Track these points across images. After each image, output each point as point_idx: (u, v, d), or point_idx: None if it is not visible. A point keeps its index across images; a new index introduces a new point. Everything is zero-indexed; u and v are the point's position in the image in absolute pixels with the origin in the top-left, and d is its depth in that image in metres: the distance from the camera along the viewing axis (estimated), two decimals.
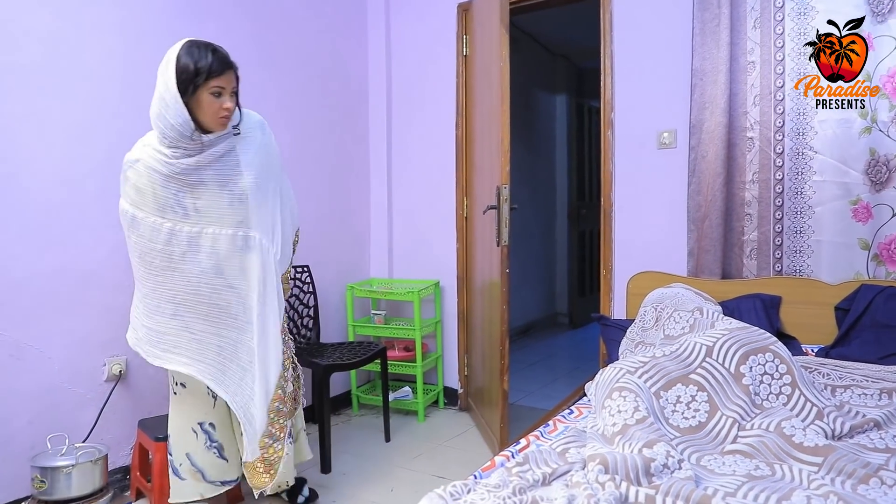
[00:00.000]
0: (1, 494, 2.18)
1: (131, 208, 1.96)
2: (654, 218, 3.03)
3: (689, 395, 1.78)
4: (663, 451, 1.49)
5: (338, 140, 3.61)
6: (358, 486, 2.59)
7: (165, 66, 1.87)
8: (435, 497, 1.29)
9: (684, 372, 1.82)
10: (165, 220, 1.93)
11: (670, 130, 2.97)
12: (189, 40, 1.92)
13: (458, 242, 3.58)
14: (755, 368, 1.82)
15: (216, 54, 1.90)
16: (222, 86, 1.90)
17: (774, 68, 2.70)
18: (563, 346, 5.36)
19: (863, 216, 2.59)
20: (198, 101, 1.88)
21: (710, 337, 1.90)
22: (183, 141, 1.89)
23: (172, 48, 1.90)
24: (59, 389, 2.35)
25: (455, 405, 3.63)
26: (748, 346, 1.87)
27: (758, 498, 1.31)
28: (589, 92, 6.17)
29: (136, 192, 1.94)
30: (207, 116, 1.91)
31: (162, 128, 1.88)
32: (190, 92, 1.86)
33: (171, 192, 1.92)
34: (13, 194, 2.21)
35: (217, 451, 2.09)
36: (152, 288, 1.99)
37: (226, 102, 1.92)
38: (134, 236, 1.98)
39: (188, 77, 1.84)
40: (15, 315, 2.22)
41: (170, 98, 1.84)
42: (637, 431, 1.58)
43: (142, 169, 1.92)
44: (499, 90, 2.76)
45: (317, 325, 3.23)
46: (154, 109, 1.89)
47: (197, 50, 1.87)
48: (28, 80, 2.24)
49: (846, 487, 1.39)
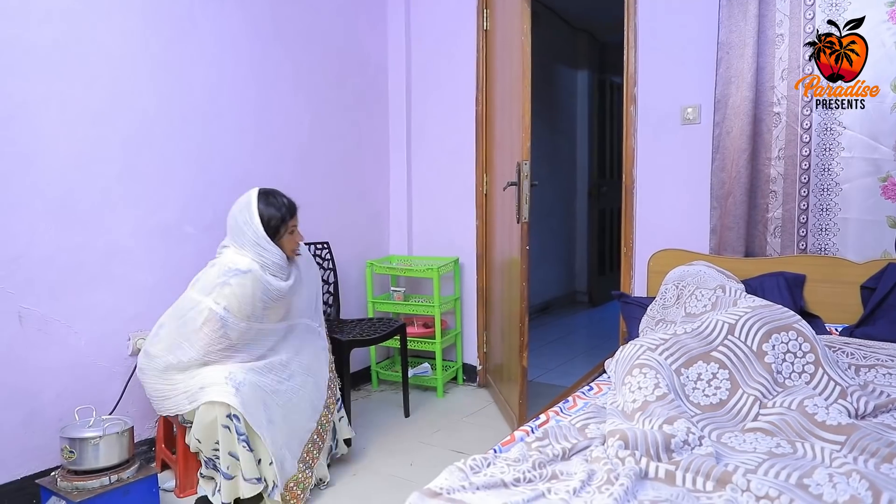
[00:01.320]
0: (33, 464, 2.25)
1: (223, 311, 2.16)
2: (676, 195, 2.99)
3: (710, 373, 1.77)
4: (684, 427, 1.48)
5: (357, 118, 3.59)
6: (377, 460, 2.63)
7: (250, 218, 2.24)
8: (455, 470, 1.30)
9: (706, 349, 1.81)
10: (243, 322, 2.20)
11: (694, 106, 2.91)
12: (260, 191, 2.30)
13: (478, 219, 3.57)
14: (778, 347, 1.80)
15: (287, 199, 2.34)
16: (296, 224, 2.36)
17: (803, 41, 2.63)
18: (582, 324, 5.36)
19: (892, 193, 2.53)
20: (279, 242, 2.29)
21: (732, 315, 1.89)
22: (283, 272, 2.29)
23: (248, 201, 2.27)
24: (85, 363, 2.39)
25: (474, 382, 3.65)
26: (771, 324, 1.84)
27: (779, 475, 1.30)
28: (611, 67, 6.07)
29: (234, 299, 2.16)
30: (286, 251, 2.33)
31: (263, 262, 2.23)
32: (277, 236, 2.28)
33: (264, 308, 2.24)
34: (35, 174, 2.23)
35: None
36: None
37: (298, 237, 2.37)
38: (218, 335, 2.17)
39: (276, 224, 2.27)
40: (41, 291, 2.26)
41: (265, 244, 2.24)
42: (657, 408, 1.58)
43: (249, 280, 2.18)
44: (520, 65, 2.72)
45: (336, 301, 3.25)
46: (251, 252, 2.23)
47: (274, 198, 2.30)
48: (49, 61, 2.25)
49: (869, 466, 1.37)
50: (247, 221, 2.24)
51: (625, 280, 3.15)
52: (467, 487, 1.23)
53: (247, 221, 2.24)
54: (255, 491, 2.08)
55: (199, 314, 2.16)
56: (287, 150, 3.18)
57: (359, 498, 2.32)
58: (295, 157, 3.23)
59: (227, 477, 2.09)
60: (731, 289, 2.18)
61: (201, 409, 2.10)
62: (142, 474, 2.14)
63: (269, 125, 3.07)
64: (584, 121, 6.04)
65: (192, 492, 2.30)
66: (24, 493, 2.21)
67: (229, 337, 2.17)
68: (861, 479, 1.26)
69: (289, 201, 2.34)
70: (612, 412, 1.65)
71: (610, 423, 1.55)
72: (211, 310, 2.15)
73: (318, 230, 3.33)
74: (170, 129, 2.63)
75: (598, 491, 1.24)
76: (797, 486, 1.28)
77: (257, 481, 2.08)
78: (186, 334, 2.17)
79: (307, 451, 2.30)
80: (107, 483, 2.05)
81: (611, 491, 1.22)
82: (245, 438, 2.07)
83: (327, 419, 2.43)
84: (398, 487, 2.36)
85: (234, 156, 2.90)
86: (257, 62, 3.00)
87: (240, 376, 2.14)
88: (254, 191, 2.30)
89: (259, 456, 2.12)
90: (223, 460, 2.08)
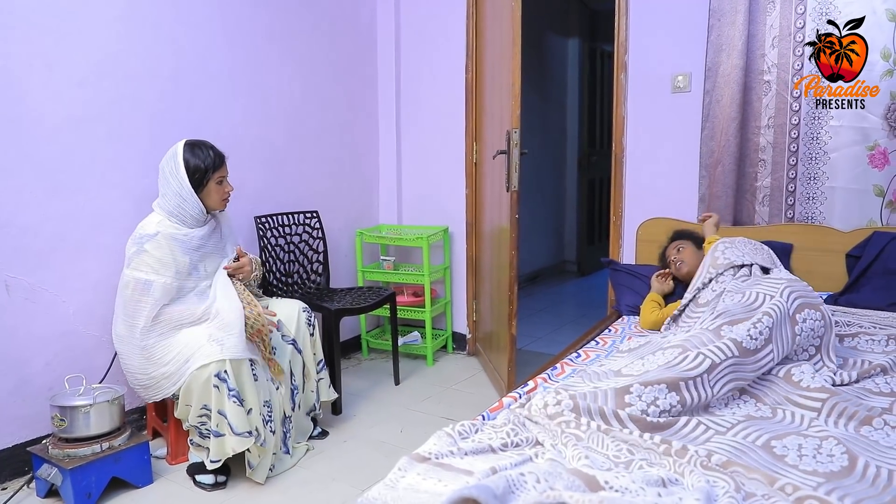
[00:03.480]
0: (24, 432, 2.26)
1: (145, 276, 2.20)
2: (666, 164, 2.99)
3: (757, 330, 1.69)
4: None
5: (346, 84, 3.55)
6: (368, 427, 2.65)
7: (175, 168, 2.23)
8: (443, 435, 1.32)
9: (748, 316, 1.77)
10: (175, 280, 2.24)
11: (685, 74, 2.90)
12: (186, 142, 2.27)
13: (468, 188, 3.56)
14: (808, 322, 1.76)
15: (214, 150, 2.30)
16: (223, 175, 2.31)
17: (795, 7, 2.61)
18: (570, 293, 5.39)
19: (879, 162, 2.54)
20: (206, 191, 2.28)
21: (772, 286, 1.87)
22: (198, 223, 2.30)
23: (174, 151, 2.25)
24: (74, 332, 2.39)
25: (463, 350, 3.68)
26: (804, 298, 1.82)
27: (748, 437, 1.34)
28: (602, 35, 6.00)
29: (156, 262, 2.20)
30: (214, 201, 2.32)
31: (180, 215, 2.25)
32: (202, 185, 2.26)
33: (190, 260, 2.27)
34: (21, 138, 2.20)
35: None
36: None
37: (227, 187, 2.35)
38: (148, 298, 2.20)
39: (200, 174, 2.24)
40: (28, 259, 2.24)
41: (186, 195, 2.23)
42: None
43: (162, 241, 2.21)
44: (510, 32, 2.69)
45: (326, 270, 3.25)
46: (171, 202, 2.24)
47: (199, 150, 2.27)
48: (32, 19, 2.20)
49: (848, 429, 1.41)
50: (172, 172, 2.24)
51: (613, 249, 3.17)
52: (455, 452, 1.25)
53: (172, 172, 2.24)
54: (246, 445, 2.09)
55: (127, 286, 2.22)
56: (277, 115, 3.15)
57: (349, 464, 2.35)
58: (285, 124, 3.19)
59: (216, 435, 2.10)
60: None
61: (189, 375, 2.12)
62: (133, 442, 2.16)
63: (259, 90, 3.03)
64: (574, 90, 5.99)
65: (184, 459, 2.32)
66: (16, 460, 2.22)
67: (170, 294, 2.22)
68: (837, 444, 1.29)
69: (216, 152, 2.31)
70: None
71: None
72: (136, 279, 2.20)
73: (308, 199, 3.32)
74: (159, 92, 2.60)
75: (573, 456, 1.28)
76: (762, 448, 1.31)
77: (248, 435, 2.10)
78: (128, 308, 2.21)
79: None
80: (98, 450, 2.06)
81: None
82: (236, 393, 2.09)
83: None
84: (388, 453, 2.40)
85: (224, 121, 2.86)
86: (248, 25, 2.95)
87: (217, 333, 2.16)
88: (181, 142, 2.28)
89: (250, 405, 2.14)
90: (213, 419, 2.10)
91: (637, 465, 1.24)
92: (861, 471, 1.20)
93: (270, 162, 3.12)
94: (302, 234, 3.19)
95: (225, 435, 2.09)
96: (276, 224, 3.06)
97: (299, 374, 2.44)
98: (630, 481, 1.07)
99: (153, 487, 2.19)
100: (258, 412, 2.16)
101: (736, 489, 1.12)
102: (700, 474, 1.17)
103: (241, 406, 2.10)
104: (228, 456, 2.11)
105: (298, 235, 3.17)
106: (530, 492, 1.01)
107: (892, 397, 1.57)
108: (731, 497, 1.08)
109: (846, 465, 1.22)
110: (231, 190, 2.38)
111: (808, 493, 1.10)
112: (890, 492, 1.13)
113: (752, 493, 1.12)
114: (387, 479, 1.16)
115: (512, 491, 1.01)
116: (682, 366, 1.55)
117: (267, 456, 2.19)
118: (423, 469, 1.18)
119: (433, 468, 1.19)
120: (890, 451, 1.30)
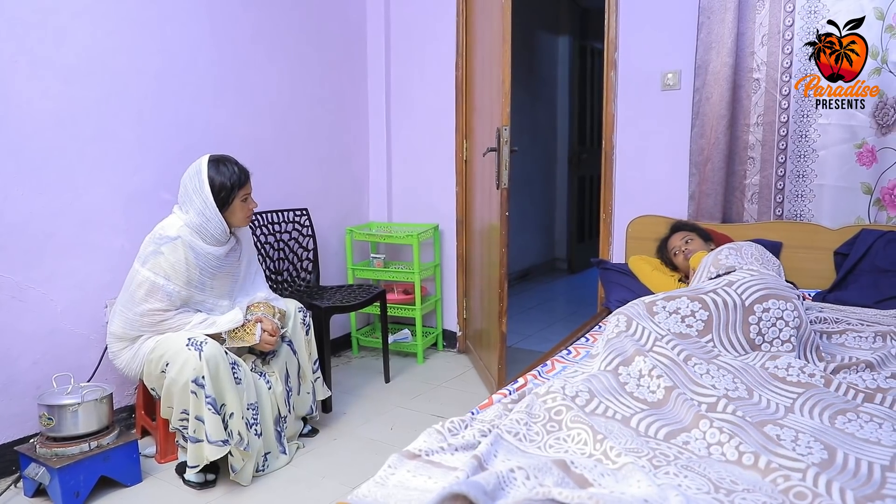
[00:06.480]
0: (10, 431, 2.24)
1: (157, 278, 2.15)
2: (656, 161, 3.00)
3: (689, 310, 1.82)
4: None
5: (335, 81, 3.54)
6: (358, 425, 2.65)
7: (200, 186, 2.17)
8: (433, 432, 1.32)
9: (695, 294, 1.86)
10: (185, 290, 2.19)
11: (675, 71, 2.90)
12: (210, 158, 2.21)
13: (458, 186, 3.56)
14: (772, 311, 1.81)
15: (239, 166, 2.25)
16: (248, 192, 2.26)
17: (784, 5, 2.62)
18: (561, 290, 5.40)
19: (867, 160, 2.56)
20: (231, 209, 2.23)
21: (736, 275, 1.94)
22: (219, 242, 2.25)
23: (198, 168, 2.19)
24: (62, 331, 2.37)
25: (454, 347, 3.68)
26: (772, 290, 1.86)
27: (736, 412, 1.38)
28: (592, 33, 6.01)
29: (170, 267, 2.15)
30: (238, 219, 2.28)
31: (201, 233, 2.19)
32: (227, 204, 2.21)
33: (201, 273, 2.22)
34: (7, 136, 2.17)
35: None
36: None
37: (251, 204, 2.29)
38: (154, 301, 2.16)
39: (226, 193, 2.19)
40: (15, 257, 2.22)
41: (211, 214, 2.18)
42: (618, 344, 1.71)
43: (180, 246, 2.16)
44: (500, 29, 2.69)
45: (316, 268, 3.24)
46: (194, 220, 2.18)
47: (225, 167, 2.21)
48: (16, 18, 2.18)
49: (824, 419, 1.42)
50: (196, 189, 2.18)
51: (603, 246, 3.18)
52: (445, 449, 1.24)
53: (196, 189, 2.18)
54: (220, 454, 2.06)
55: (140, 286, 2.16)
56: (266, 114, 3.13)
57: (339, 461, 2.35)
58: (274, 121, 3.18)
59: (193, 441, 2.09)
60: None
61: (168, 379, 2.10)
62: (122, 440, 2.15)
63: (247, 87, 3.02)
64: (564, 88, 6.00)
65: (174, 457, 2.31)
66: (3, 459, 2.20)
67: (174, 304, 2.18)
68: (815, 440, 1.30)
69: (240, 169, 2.25)
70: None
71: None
72: (150, 280, 2.15)
73: (297, 196, 3.30)
74: (146, 89, 2.58)
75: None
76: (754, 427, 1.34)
77: (223, 444, 2.07)
78: (134, 307, 2.17)
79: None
80: (86, 449, 2.05)
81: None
82: (212, 401, 2.07)
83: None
84: (378, 451, 2.39)
85: (211, 119, 2.85)
86: (235, 22, 2.93)
87: (200, 338, 2.14)
88: (204, 157, 2.23)
89: (231, 410, 2.12)
90: (191, 424, 2.08)
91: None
92: (841, 463, 1.21)
93: (259, 160, 3.09)
94: (292, 231, 3.18)
95: (202, 441, 2.08)
96: (265, 222, 3.05)
97: (294, 374, 2.43)
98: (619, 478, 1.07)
99: (142, 486, 2.18)
100: (240, 416, 2.13)
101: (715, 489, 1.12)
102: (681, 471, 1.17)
103: (218, 414, 2.08)
104: (206, 462, 2.09)
105: (288, 233, 3.16)
106: (520, 488, 1.01)
107: (880, 393, 1.58)
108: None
109: (826, 458, 1.23)
110: (255, 206, 2.33)
111: (796, 482, 1.10)
112: (872, 485, 1.14)
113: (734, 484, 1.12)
114: (377, 476, 1.16)
115: (502, 487, 1.01)
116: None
117: (251, 460, 2.17)
118: (413, 466, 1.18)
119: (423, 465, 1.19)
120: (865, 444, 1.31)
